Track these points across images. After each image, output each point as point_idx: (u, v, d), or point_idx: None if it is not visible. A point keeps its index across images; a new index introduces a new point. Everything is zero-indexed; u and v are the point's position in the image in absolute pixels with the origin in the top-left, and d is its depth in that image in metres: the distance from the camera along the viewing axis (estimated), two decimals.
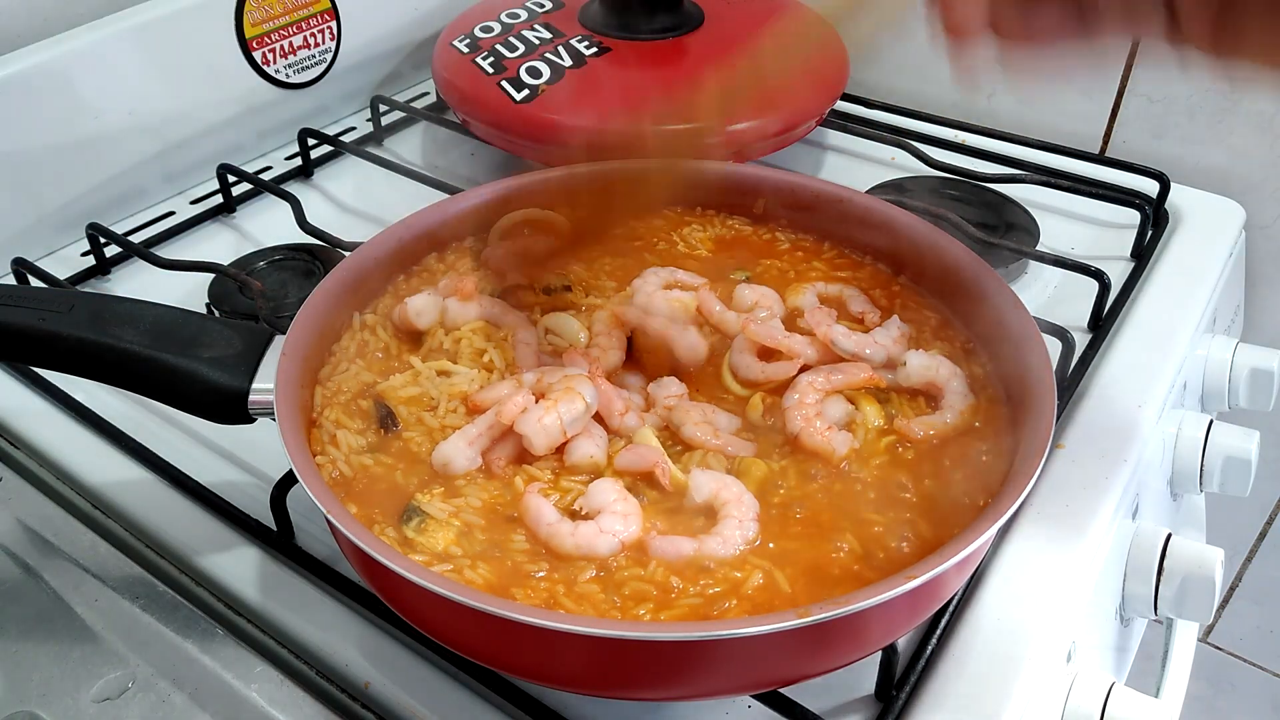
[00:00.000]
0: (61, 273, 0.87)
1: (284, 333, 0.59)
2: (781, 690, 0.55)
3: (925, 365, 0.60)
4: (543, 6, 1.05)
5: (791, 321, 0.65)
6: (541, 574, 0.51)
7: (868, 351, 0.62)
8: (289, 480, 0.63)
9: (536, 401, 0.57)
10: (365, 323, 0.66)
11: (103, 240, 0.88)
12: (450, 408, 0.60)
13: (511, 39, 0.99)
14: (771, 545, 0.53)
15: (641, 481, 0.56)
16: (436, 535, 0.53)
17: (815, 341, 0.62)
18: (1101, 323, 0.80)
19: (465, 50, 0.99)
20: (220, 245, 0.93)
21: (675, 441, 0.59)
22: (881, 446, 0.58)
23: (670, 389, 0.61)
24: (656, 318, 0.64)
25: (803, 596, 0.50)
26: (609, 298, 0.68)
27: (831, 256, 0.72)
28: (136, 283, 0.89)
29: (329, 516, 0.49)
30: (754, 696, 0.56)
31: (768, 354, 0.63)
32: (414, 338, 0.65)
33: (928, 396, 0.60)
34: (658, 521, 0.54)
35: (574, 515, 0.53)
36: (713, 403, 0.61)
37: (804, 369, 0.61)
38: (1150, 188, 0.92)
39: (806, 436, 0.58)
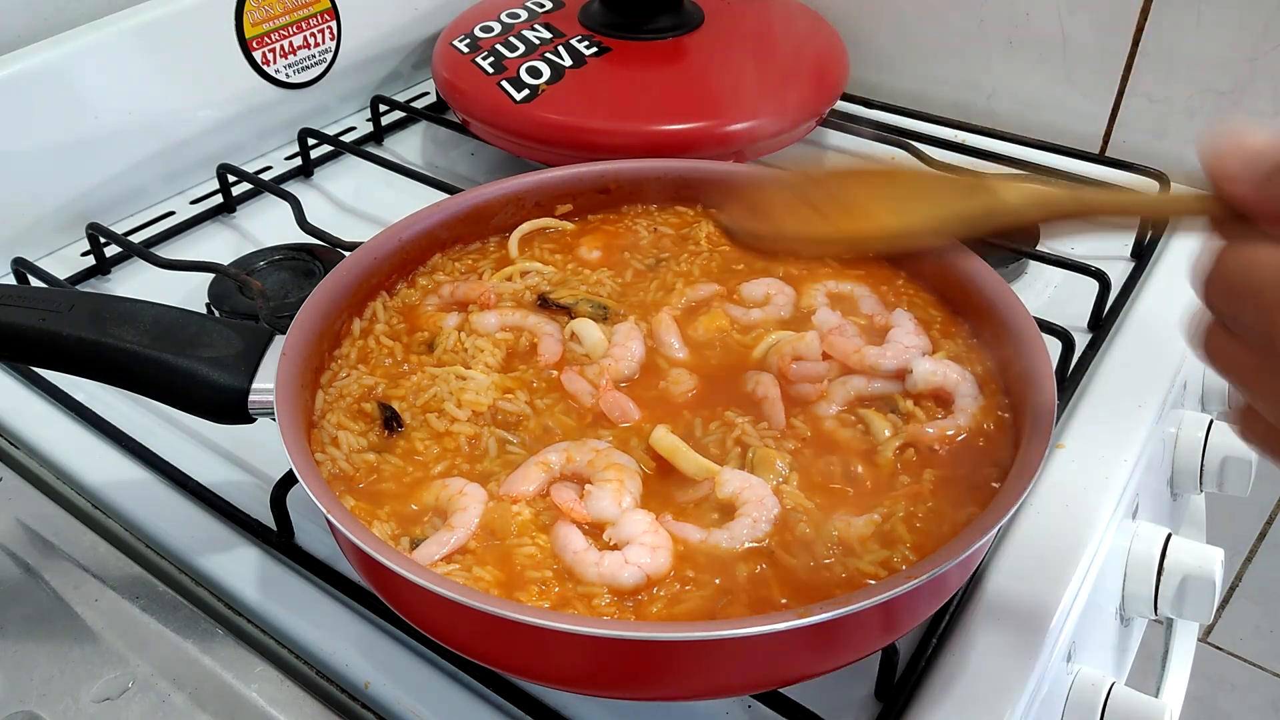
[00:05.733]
0: (61, 273, 0.87)
1: (284, 333, 0.59)
2: (781, 690, 0.55)
3: (932, 371, 0.60)
4: (543, 6, 1.05)
5: (805, 320, 0.66)
6: (550, 573, 0.51)
7: (889, 363, 0.62)
8: (289, 480, 0.63)
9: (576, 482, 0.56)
10: (366, 328, 0.66)
11: (103, 240, 0.88)
12: (463, 415, 0.59)
13: (511, 39, 1.00)
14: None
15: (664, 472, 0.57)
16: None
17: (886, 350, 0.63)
18: (1101, 323, 0.80)
19: (465, 50, 0.99)
20: (220, 245, 0.93)
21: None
22: (893, 450, 0.58)
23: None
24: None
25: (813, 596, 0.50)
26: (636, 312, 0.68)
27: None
28: (136, 283, 0.89)
29: (329, 516, 0.49)
30: (754, 696, 0.56)
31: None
32: (424, 338, 0.66)
33: (938, 400, 0.61)
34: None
35: (601, 543, 0.53)
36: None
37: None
38: (1150, 188, 0.92)
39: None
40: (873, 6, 1.10)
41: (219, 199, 0.96)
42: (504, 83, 0.94)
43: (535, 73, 0.95)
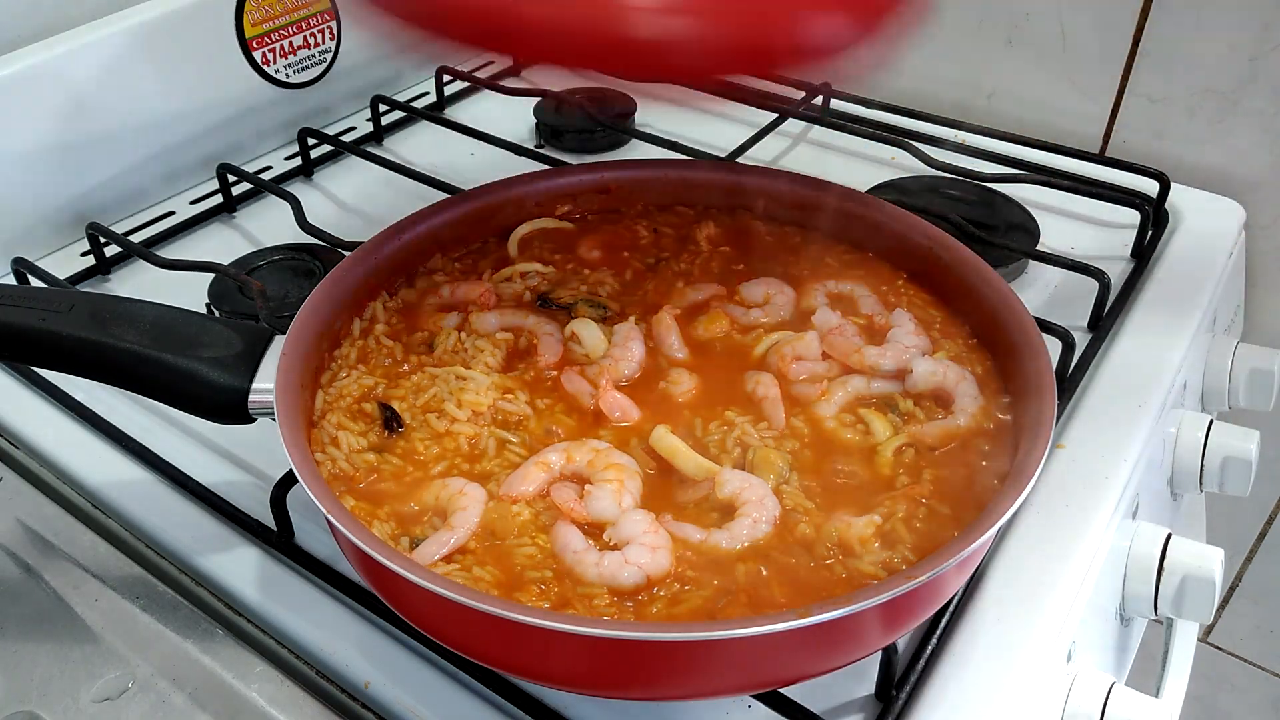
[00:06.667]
0: (61, 273, 0.87)
1: (284, 333, 0.59)
2: (781, 690, 0.55)
3: (932, 371, 0.60)
4: None
5: (804, 320, 0.66)
6: (550, 574, 0.52)
7: (889, 363, 0.62)
8: (289, 480, 0.63)
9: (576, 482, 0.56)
10: (366, 328, 0.66)
11: (103, 240, 0.88)
12: (463, 415, 0.59)
13: None
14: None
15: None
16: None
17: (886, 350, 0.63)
18: (1101, 323, 0.80)
19: None
20: (220, 245, 0.93)
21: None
22: (893, 450, 0.58)
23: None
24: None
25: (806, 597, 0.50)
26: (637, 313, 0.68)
27: (840, 251, 0.72)
28: (136, 283, 0.89)
29: (329, 516, 0.49)
30: (754, 696, 0.56)
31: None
32: (424, 338, 0.66)
33: (938, 400, 0.60)
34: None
35: (601, 543, 0.53)
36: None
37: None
38: (1150, 188, 0.92)
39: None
40: None
41: (219, 199, 0.96)
42: None
43: None
